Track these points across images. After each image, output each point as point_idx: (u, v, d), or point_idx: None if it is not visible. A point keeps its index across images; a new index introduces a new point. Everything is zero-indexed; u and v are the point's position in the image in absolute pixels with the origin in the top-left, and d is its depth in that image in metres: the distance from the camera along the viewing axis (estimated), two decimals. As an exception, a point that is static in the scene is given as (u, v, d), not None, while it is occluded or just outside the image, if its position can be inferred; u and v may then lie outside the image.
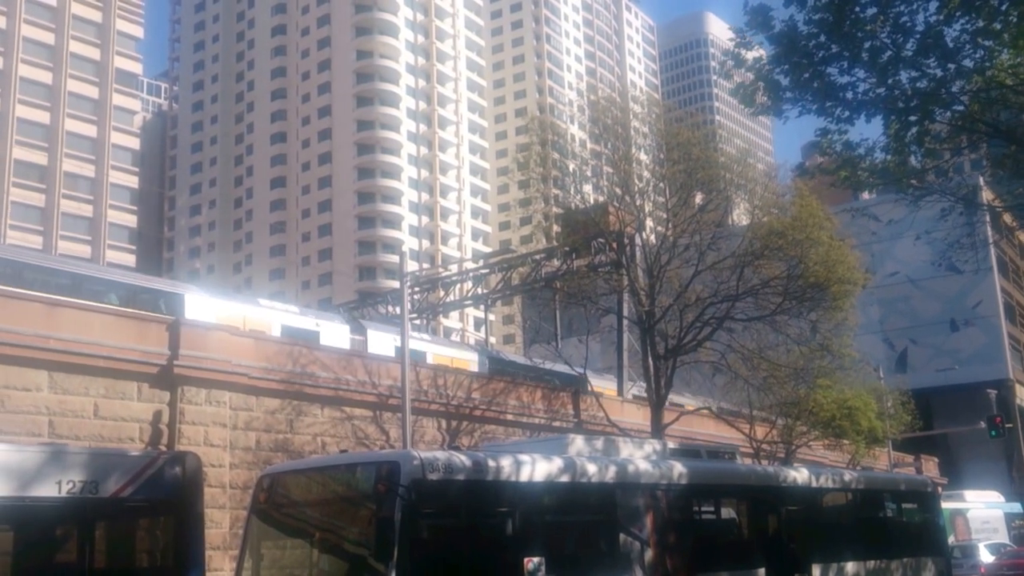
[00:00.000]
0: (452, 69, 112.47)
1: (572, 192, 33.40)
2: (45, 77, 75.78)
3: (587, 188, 34.31)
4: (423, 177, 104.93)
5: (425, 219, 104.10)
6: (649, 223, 34.94)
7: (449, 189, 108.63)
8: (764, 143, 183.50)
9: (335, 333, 32.62)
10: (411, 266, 39.72)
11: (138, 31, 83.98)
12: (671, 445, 17.24)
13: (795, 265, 29.14)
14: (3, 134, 72.58)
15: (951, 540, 38.54)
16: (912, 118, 11.44)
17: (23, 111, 73.93)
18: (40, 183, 74.12)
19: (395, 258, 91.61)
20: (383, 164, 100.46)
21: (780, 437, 37.70)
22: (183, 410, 21.37)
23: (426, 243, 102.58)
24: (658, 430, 29.53)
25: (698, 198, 32.81)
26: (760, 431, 36.98)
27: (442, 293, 51.55)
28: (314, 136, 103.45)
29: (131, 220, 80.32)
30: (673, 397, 35.75)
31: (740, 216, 37.24)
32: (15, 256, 27.42)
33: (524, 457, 13.02)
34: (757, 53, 12.46)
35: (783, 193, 32.67)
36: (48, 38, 76.49)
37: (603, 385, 38.67)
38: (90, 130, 77.74)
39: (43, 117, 75.08)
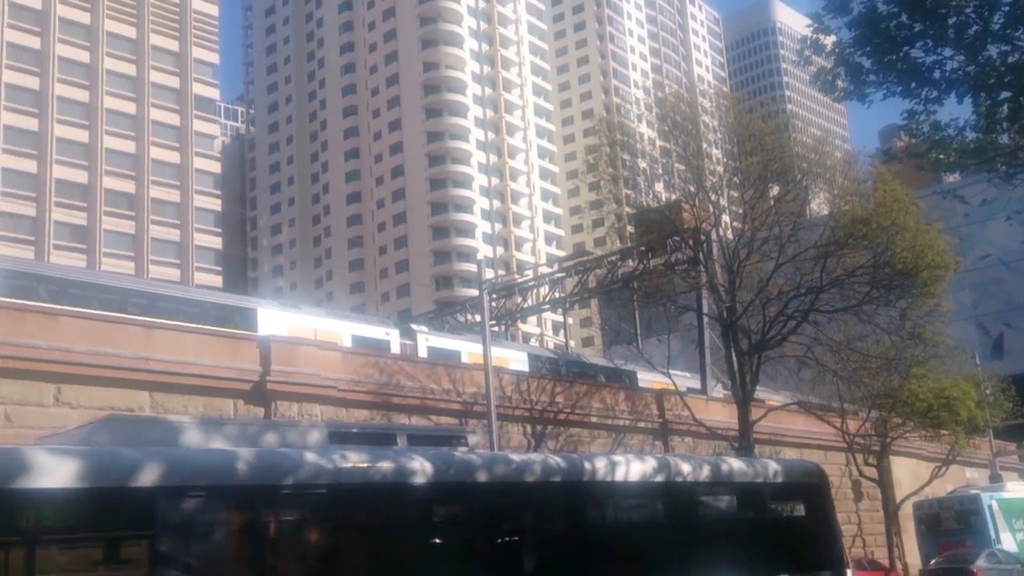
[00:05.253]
0: (517, 75, 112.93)
1: (644, 191, 33.10)
2: (129, 107, 78.87)
3: (659, 186, 33.98)
4: (494, 184, 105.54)
5: (498, 226, 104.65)
6: (725, 218, 34.45)
7: (520, 195, 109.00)
8: (840, 130, 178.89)
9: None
10: (486, 273, 39.53)
11: (214, 57, 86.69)
12: (324, 430, 12.12)
13: (881, 253, 28.35)
14: (93, 165, 75.74)
15: None
16: (1005, 94, 10.99)
17: (110, 141, 77.08)
18: (129, 210, 77.12)
19: (470, 267, 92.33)
20: (454, 174, 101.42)
21: (874, 430, 36.70)
22: (276, 424, 21.94)
23: (500, 250, 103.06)
24: (746, 428, 29.08)
25: (775, 190, 32.23)
26: (852, 425, 36.05)
27: (519, 299, 51.70)
28: (386, 150, 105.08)
29: (216, 242, 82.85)
30: (759, 393, 35.12)
31: (820, 206, 36.47)
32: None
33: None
34: (834, 38, 12.17)
35: (864, 179, 31.86)
36: (130, 69, 79.60)
37: (683, 384, 38.29)
38: (173, 156, 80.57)
39: (129, 146, 78.13)
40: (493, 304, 46.72)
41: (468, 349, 33.99)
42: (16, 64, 73.15)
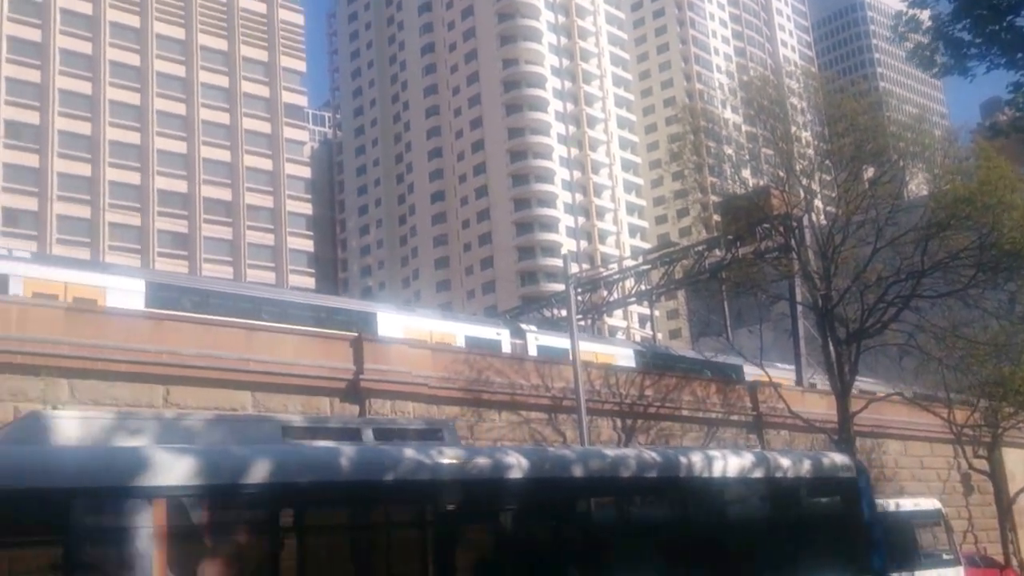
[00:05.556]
0: (597, 66, 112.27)
1: (730, 178, 32.48)
2: (223, 118, 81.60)
3: (746, 173, 33.31)
4: (576, 178, 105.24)
5: (581, 220, 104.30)
6: (817, 203, 33.57)
7: (603, 187, 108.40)
8: (938, 106, 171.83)
9: None
10: (571, 268, 39.25)
11: (301, 65, 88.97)
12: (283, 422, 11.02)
13: (987, 233, 27.08)
14: (192, 175, 78.65)
15: None
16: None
17: (207, 151, 79.92)
18: (227, 217, 79.79)
19: (555, 261, 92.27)
20: (536, 169, 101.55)
21: (983, 420, 35.20)
22: (372, 422, 22.37)
23: (584, 244, 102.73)
24: (845, 420, 28.27)
25: (870, 172, 31.24)
26: (960, 415, 34.66)
27: (604, 292, 51.46)
28: (468, 148, 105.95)
29: (308, 245, 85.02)
30: (859, 383, 34.11)
31: (919, 186, 35.23)
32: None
33: None
34: (931, 12, 11.65)
35: (965, 157, 30.56)
36: (223, 81, 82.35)
37: (777, 375, 37.55)
38: (266, 164, 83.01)
39: (224, 155, 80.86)
40: (579, 298, 46.59)
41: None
42: (118, 81, 76.45)
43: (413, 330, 29.70)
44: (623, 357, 36.37)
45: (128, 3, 78.31)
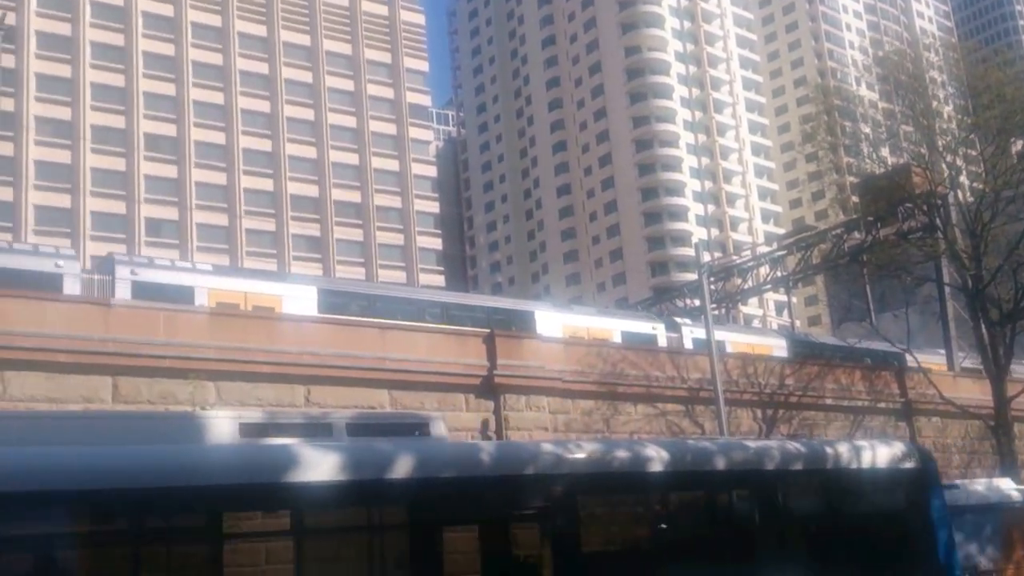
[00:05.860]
0: (722, 50, 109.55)
1: (868, 158, 31.34)
2: (350, 121, 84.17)
3: (884, 151, 32.12)
4: (704, 165, 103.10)
5: (711, 207, 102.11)
6: (963, 179, 32.01)
7: (732, 173, 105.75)
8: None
9: None
10: (703, 256, 38.07)
11: (423, 66, 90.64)
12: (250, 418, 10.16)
13: None
14: (322, 179, 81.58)
15: None
16: None
17: (335, 155, 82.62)
18: (357, 219, 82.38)
19: (685, 251, 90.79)
20: (662, 158, 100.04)
21: None
22: (507, 417, 22.71)
23: (715, 231, 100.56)
24: (1001, 405, 26.81)
25: (1019, 144, 29.56)
26: None
27: (738, 280, 50.35)
28: (592, 140, 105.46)
29: (437, 243, 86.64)
30: (1017, 367, 32.13)
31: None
32: None
33: None
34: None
35: None
36: (348, 85, 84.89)
37: (928, 360, 35.85)
38: (393, 164, 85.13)
39: (352, 158, 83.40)
40: (712, 287, 45.77)
41: (731, 339, 34.77)
42: (248, 90, 79.89)
43: (571, 327, 30.26)
44: (779, 348, 35.85)
45: (254, 13, 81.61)
